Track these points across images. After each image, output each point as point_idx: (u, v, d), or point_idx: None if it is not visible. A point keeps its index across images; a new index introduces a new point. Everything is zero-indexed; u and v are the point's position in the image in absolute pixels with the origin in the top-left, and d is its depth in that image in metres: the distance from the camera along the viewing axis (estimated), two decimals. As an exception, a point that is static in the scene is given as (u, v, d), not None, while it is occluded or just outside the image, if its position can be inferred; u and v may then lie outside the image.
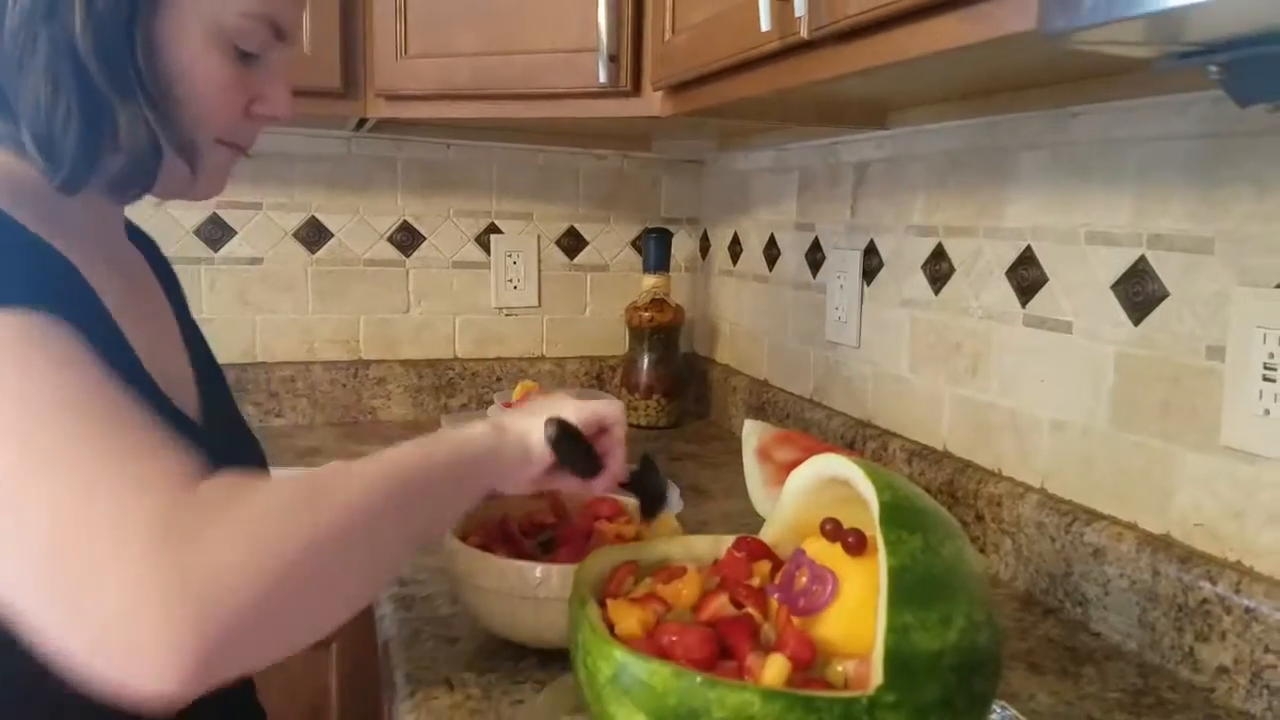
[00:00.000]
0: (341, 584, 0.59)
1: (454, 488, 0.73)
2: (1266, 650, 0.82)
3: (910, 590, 0.60)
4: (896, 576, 0.60)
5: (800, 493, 0.75)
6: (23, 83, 0.66)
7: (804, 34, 0.88)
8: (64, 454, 0.52)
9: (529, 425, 0.81)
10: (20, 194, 0.68)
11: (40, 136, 0.67)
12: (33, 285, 0.60)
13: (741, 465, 1.34)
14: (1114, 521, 1.00)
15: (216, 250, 1.82)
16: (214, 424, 0.82)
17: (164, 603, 0.48)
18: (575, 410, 0.85)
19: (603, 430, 0.88)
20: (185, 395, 0.80)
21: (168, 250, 0.94)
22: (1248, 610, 0.83)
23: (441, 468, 0.71)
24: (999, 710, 0.76)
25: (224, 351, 0.95)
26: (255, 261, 1.84)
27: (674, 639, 0.63)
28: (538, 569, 0.85)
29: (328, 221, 1.88)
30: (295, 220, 1.86)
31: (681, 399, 1.92)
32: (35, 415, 0.53)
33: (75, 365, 0.56)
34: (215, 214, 1.81)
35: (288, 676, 0.99)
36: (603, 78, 1.29)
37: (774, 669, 0.60)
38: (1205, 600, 0.87)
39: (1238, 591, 0.84)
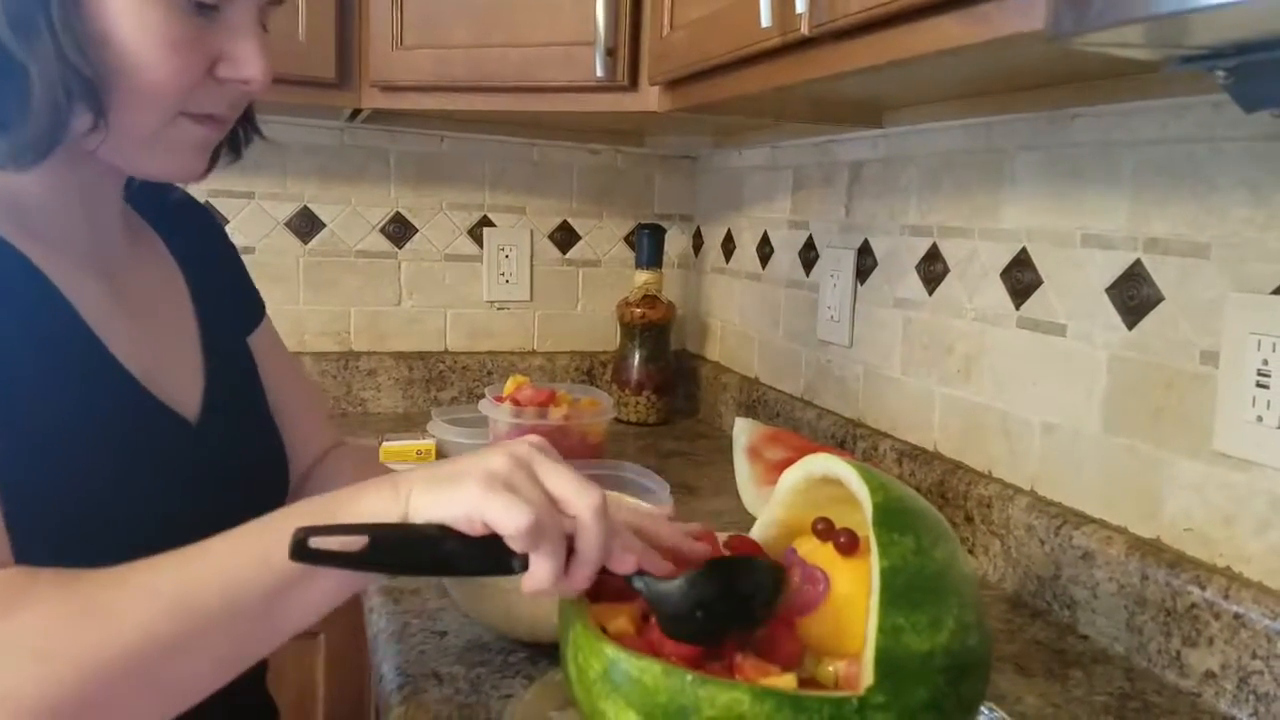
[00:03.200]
0: (121, 708, 0.54)
1: (310, 589, 0.58)
2: (1254, 656, 0.82)
3: (902, 592, 0.60)
4: (888, 578, 0.60)
5: (792, 491, 0.75)
6: None
7: (805, 30, 0.87)
8: None
9: (418, 511, 0.59)
10: None
11: None
12: None
13: (731, 463, 1.34)
14: (1104, 525, 1.00)
15: (207, 238, 1.80)
16: (214, 420, 0.77)
17: None
18: (468, 501, 0.57)
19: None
20: (183, 392, 0.76)
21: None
22: (1236, 616, 0.84)
23: (290, 576, 0.57)
24: (986, 712, 0.76)
25: None
26: (247, 251, 1.82)
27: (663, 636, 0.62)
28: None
29: (320, 212, 1.87)
30: (287, 210, 1.85)
31: (672, 396, 1.92)
32: None
33: None
34: (207, 202, 1.79)
35: (274, 668, 0.98)
36: (600, 72, 1.29)
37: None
38: (1194, 605, 0.87)
39: (1226, 597, 0.85)
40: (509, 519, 0.56)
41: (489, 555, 0.58)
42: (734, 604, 0.62)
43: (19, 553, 0.59)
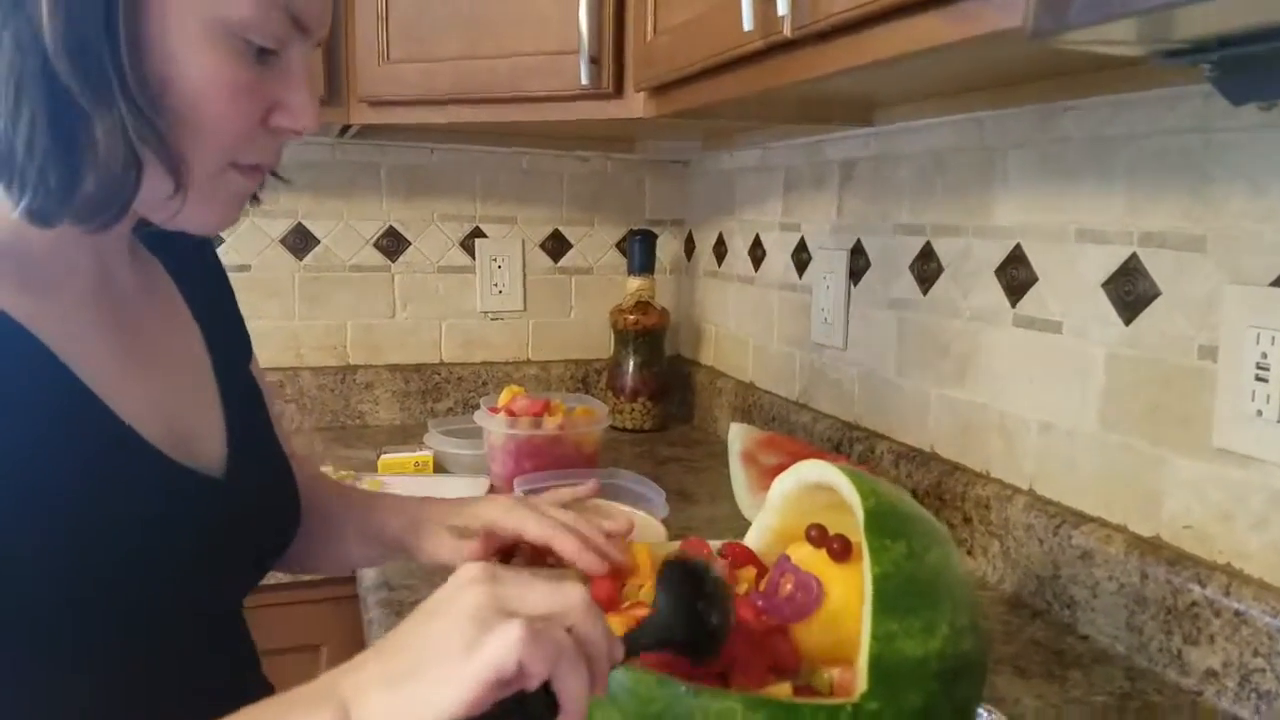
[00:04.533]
0: None
1: None
2: (1255, 653, 0.81)
3: (894, 597, 0.60)
4: (881, 584, 0.60)
5: (785, 498, 0.74)
6: None
7: (787, 33, 0.86)
8: None
9: (400, 702, 0.47)
10: None
11: (2, 155, 0.56)
12: None
13: (727, 469, 1.34)
14: (1103, 524, 0.99)
15: (199, 256, 1.80)
16: (241, 469, 0.73)
17: None
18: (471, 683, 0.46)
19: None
20: (206, 443, 0.71)
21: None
22: (1237, 613, 0.83)
23: None
24: (985, 715, 0.75)
25: None
26: (243, 269, 1.82)
27: None
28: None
29: (314, 228, 1.86)
30: (282, 227, 1.84)
31: (667, 402, 1.91)
32: None
33: None
34: (198, 219, 1.79)
35: (277, 682, 0.97)
36: (584, 80, 1.28)
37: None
38: (1194, 603, 0.87)
39: (1227, 594, 0.84)
40: (535, 662, 0.46)
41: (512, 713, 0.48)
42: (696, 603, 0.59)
43: (43, 644, 0.56)
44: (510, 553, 0.92)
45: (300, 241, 1.86)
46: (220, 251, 1.76)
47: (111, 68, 0.56)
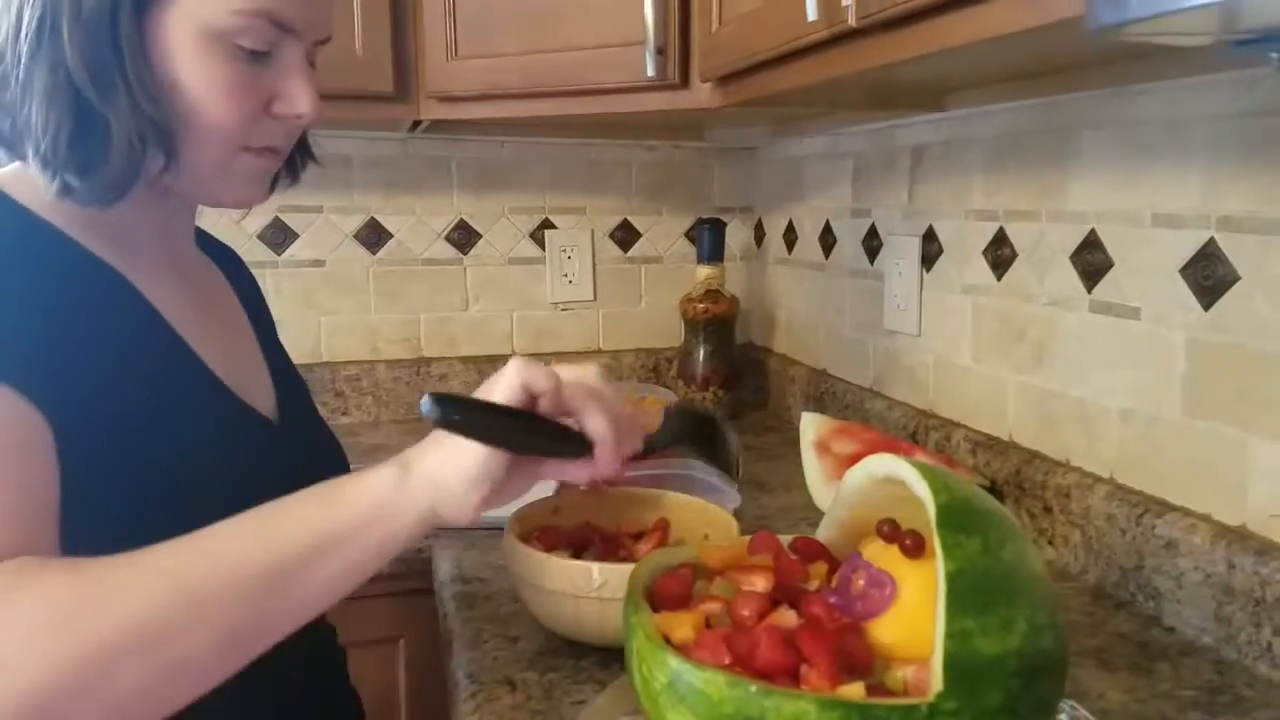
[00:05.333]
0: (126, 685, 0.57)
1: (314, 569, 0.63)
2: (1351, 647, 0.79)
3: (969, 594, 0.59)
4: (954, 580, 0.59)
5: (856, 492, 0.74)
6: (28, 100, 0.67)
7: (851, 22, 0.86)
8: None
9: (445, 454, 0.68)
10: (75, 209, 0.71)
11: (40, 151, 0.68)
12: None
13: (801, 457, 1.33)
14: (1186, 513, 0.97)
15: (280, 253, 1.85)
16: (291, 421, 0.85)
17: None
18: (504, 388, 0.70)
19: (548, 399, 0.71)
20: (261, 398, 0.83)
21: (233, 255, 0.99)
22: (1330, 605, 0.80)
23: (290, 553, 0.62)
24: (1068, 710, 0.74)
25: (291, 352, 0.98)
26: (318, 264, 1.87)
27: (753, 646, 0.62)
28: (596, 569, 0.85)
29: (386, 223, 1.90)
30: (355, 222, 1.89)
31: (738, 390, 1.91)
32: None
33: None
34: (278, 217, 1.84)
35: (356, 674, 1.01)
36: (650, 71, 1.28)
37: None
38: (1284, 594, 0.84)
39: (1319, 585, 0.81)
40: (542, 380, 0.70)
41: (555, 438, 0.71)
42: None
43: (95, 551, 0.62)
44: (583, 545, 0.94)
45: (373, 236, 1.90)
46: (295, 247, 1.84)
47: (119, 79, 0.67)
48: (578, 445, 0.72)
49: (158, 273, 0.77)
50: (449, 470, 0.67)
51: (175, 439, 0.71)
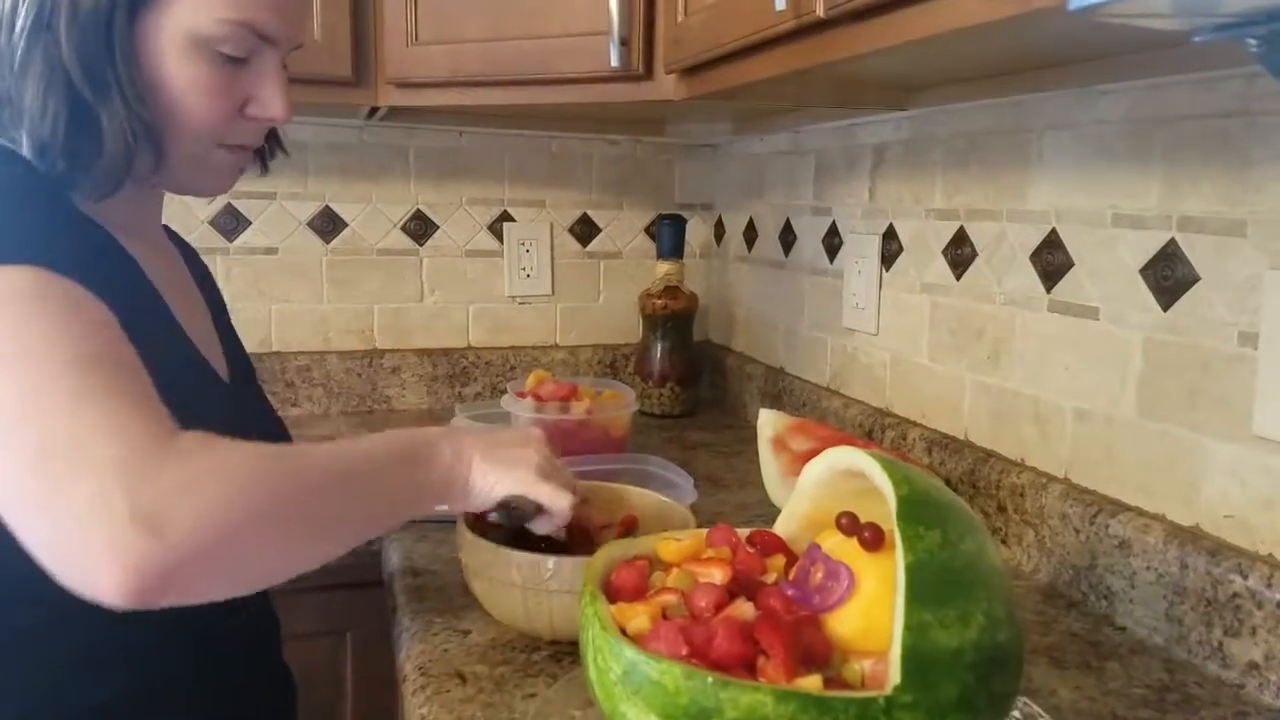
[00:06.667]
0: (285, 545, 0.65)
1: (397, 494, 0.77)
2: (1299, 646, 0.79)
3: (928, 587, 0.59)
4: (914, 573, 0.58)
5: (816, 485, 0.73)
6: (25, 89, 0.71)
7: (820, 13, 0.85)
8: (67, 385, 0.59)
9: (483, 477, 0.82)
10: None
11: (34, 138, 0.72)
12: (60, 250, 0.67)
13: (757, 454, 1.32)
14: (1140, 513, 0.97)
15: (231, 240, 1.81)
16: (240, 386, 0.92)
17: (116, 523, 0.55)
18: (528, 484, 0.85)
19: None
20: (215, 361, 0.88)
21: (184, 241, 1.01)
22: (1279, 605, 0.81)
23: (391, 474, 0.76)
24: (1021, 706, 0.74)
25: (242, 341, 0.98)
26: (270, 251, 1.83)
27: (710, 638, 0.60)
28: (550, 561, 0.84)
29: (341, 211, 1.87)
30: (309, 210, 1.85)
31: (696, 387, 1.90)
32: (47, 351, 0.61)
33: (86, 317, 0.64)
34: (230, 204, 1.80)
35: (301, 665, 0.98)
36: (614, 62, 1.27)
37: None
38: (1235, 594, 0.85)
39: (1269, 585, 0.82)
40: (558, 501, 0.86)
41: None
42: None
43: None
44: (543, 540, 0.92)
45: (328, 224, 1.86)
46: (248, 234, 1.80)
47: (112, 77, 0.72)
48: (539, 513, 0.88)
49: (146, 252, 0.83)
50: (487, 481, 0.83)
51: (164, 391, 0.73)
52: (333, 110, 1.73)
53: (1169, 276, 0.94)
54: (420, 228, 1.91)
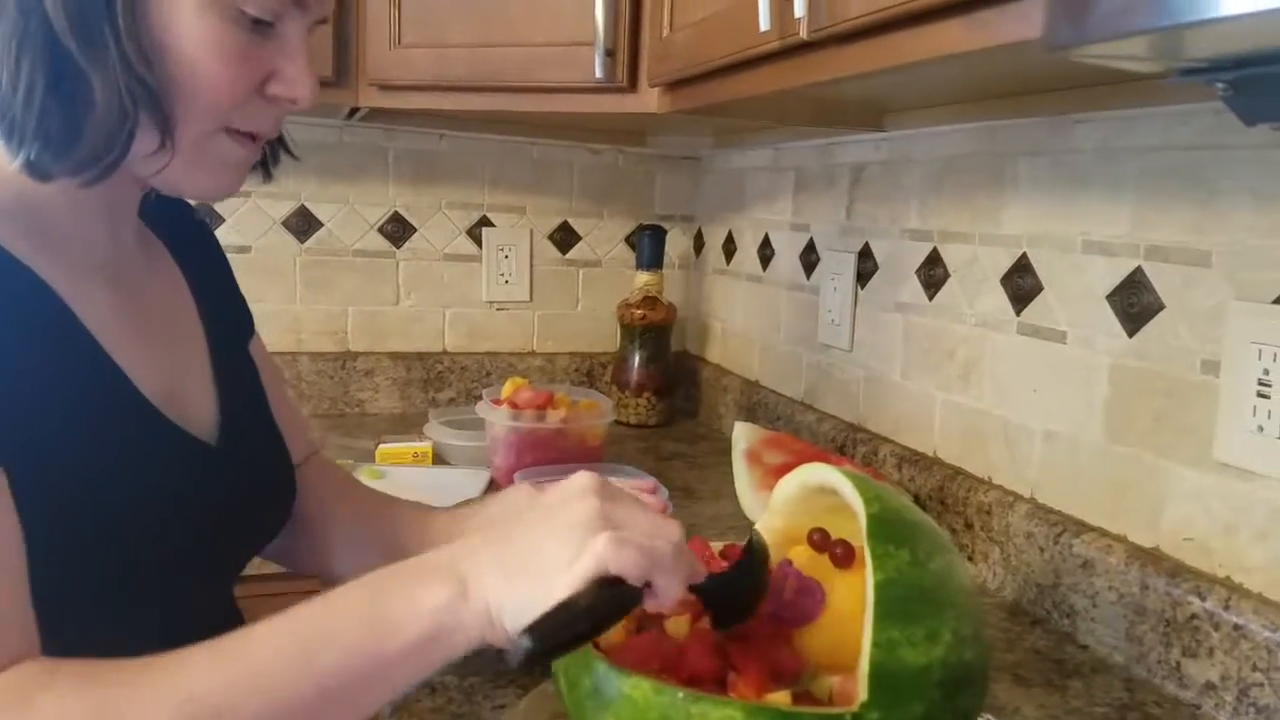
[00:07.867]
0: None
1: (361, 695, 0.57)
2: (1254, 668, 0.81)
3: (896, 605, 0.60)
4: (882, 591, 0.60)
5: (788, 500, 0.74)
6: None
7: (804, 35, 0.86)
8: None
9: (508, 579, 0.57)
10: None
11: (6, 113, 0.58)
12: None
13: (731, 466, 1.33)
14: (1103, 533, 0.99)
15: (205, 237, 1.79)
16: (232, 440, 0.75)
17: None
18: (584, 571, 0.56)
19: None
20: (199, 410, 0.74)
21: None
22: (1236, 627, 0.83)
23: (333, 683, 0.55)
24: (984, 723, 0.75)
25: None
26: (243, 250, 1.82)
27: (681, 653, 0.61)
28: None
29: (317, 211, 1.86)
30: (284, 209, 1.84)
31: (672, 398, 1.91)
32: None
33: None
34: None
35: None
36: (599, 73, 1.28)
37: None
38: (1194, 616, 0.87)
39: (1227, 608, 0.84)
40: (632, 567, 0.56)
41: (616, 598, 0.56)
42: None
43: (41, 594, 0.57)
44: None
45: (303, 224, 1.85)
46: (220, 232, 1.78)
47: (108, 29, 0.58)
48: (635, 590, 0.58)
49: (85, 276, 0.67)
50: (517, 600, 0.56)
51: (91, 461, 0.62)
52: (312, 109, 1.72)
53: (1135, 304, 0.96)
54: (398, 230, 1.91)
